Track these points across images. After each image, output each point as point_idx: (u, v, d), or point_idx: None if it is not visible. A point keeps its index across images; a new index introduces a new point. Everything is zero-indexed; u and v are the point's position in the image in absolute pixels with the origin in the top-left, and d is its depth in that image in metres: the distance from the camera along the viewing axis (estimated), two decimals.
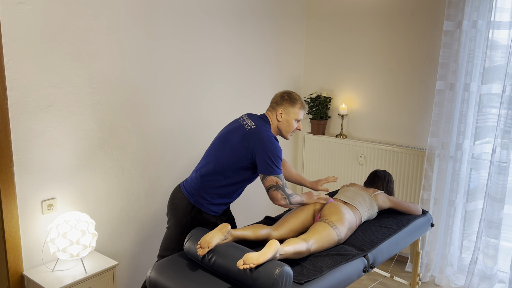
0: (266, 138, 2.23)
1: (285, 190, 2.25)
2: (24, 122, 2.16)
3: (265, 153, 2.20)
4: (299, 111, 2.36)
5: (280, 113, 2.34)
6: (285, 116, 2.34)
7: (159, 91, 2.79)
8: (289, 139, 2.44)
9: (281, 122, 2.35)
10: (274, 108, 2.37)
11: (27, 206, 2.23)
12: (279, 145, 2.27)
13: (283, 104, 2.34)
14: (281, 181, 2.23)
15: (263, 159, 2.20)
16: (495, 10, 2.98)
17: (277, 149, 2.24)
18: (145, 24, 2.64)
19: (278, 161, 2.22)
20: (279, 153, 2.24)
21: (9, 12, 2.04)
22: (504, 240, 3.19)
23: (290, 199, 2.27)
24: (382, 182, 2.82)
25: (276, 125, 2.37)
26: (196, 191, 2.31)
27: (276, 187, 2.22)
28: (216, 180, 2.29)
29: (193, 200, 2.31)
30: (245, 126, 2.30)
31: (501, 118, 2.95)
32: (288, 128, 2.36)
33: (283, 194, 2.24)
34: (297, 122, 2.37)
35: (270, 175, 2.20)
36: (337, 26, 3.78)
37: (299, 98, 2.37)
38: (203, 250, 1.99)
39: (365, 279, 3.37)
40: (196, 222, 2.33)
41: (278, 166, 2.22)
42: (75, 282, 2.16)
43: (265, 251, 1.86)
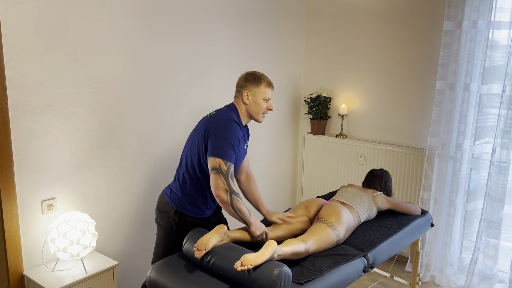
0: (222, 119, 2.10)
1: (228, 181, 2.01)
2: (24, 122, 2.16)
3: (217, 134, 2.06)
4: (265, 90, 2.21)
5: (246, 96, 2.20)
6: (251, 98, 2.20)
7: (159, 90, 2.79)
8: (262, 121, 2.28)
9: (249, 104, 2.21)
10: (239, 92, 2.23)
11: (27, 206, 2.23)
12: (239, 133, 2.11)
13: (247, 86, 2.20)
14: (225, 166, 2.01)
15: (213, 140, 2.05)
16: (495, 10, 2.98)
17: (232, 132, 2.07)
18: (145, 23, 2.64)
19: (228, 145, 2.04)
20: (233, 139, 2.06)
21: (9, 12, 2.04)
22: (504, 240, 3.19)
23: (233, 198, 2.02)
24: (380, 182, 2.81)
25: (244, 109, 2.22)
26: (176, 194, 2.26)
27: (218, 170, 2.01)
28: (189, 178, 2.21)
29: (175, 204, 2.25)
30: (207, 116, 2.23)
31: (501, 118, 2.95)
32: (258, 109, 2.21)
33: (224, 184, 2.01)
34: (266, 101, 2.22)
35: (215, 157, 2.02)
36: (338, 26, 3.78)
37: (264, 77, 2.22)
38: (200, 252, 1.98)
39: (365, 279, 3.37)
40: (181, 226, 2.26)
41: (227, 151, 2.03)
42: (75, 282, 2.16)
43: (263, 251, 1.86)
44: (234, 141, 2.08)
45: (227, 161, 2.02)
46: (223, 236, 2.05)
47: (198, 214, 2.28)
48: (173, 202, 2.26)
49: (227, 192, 2.01)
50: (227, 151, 2.04)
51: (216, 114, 2.18)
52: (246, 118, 2.26)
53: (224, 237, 2.06)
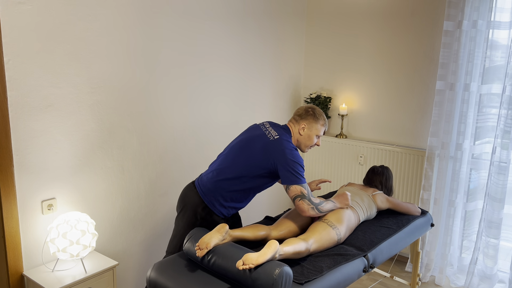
0: (288, 149, 2.23)
1: (311, 200, 2.22)
2: (24, 122, 2.16)
3: (287, 164, 2.20)
4: (321, 128, 2.38)
5: (303, 127, 2.35)
6: (307, 131, 2.35)
7: (159, 91, 2.79)
8: (306, 152, 2.45)
9: (303, 136, 2.36)
10: (297, 121, 2.37)
11: (27, 206, 2.23)
12: (301, 158, 2.27)
13: (307, 119, 2.35)
14: (305, 190, 2.21)
15: (285, 169, 2.19)
16: (495, 10, 2.98)
17: (299, 159, 2.23)
18: (145, 24, 2.64)
19: (300, 170, 2.21)
20: (301, 163, 2.23)
21: (9, 12, 2.04)
22: (504, 240, 3.19)
23: (318, 208, 2.24)
24: (381, 179, 2.81)
25: (296, 138, 2.37)
26: (210, 191, 2.30)
27: (301, 196, 2.20)
28: (232, 184, 2.29)
29: (206, 199, 2.30)
30: (268, 135, 2.29)
31: (501, 118, 2.95)
32: (308, 142, 2.37)
33: (309, 204, 2.21)
34: (318, 137, 2.39)
35: (293, 185, 2.19)
36: (337, 26, 3.78)
37: (322, 115, 2.39)
38: (201, 251, 1.98)
39: (365, 279, 3.37)
40: (205, 222, 2.32)
41: (301, 175, 2.21)
42: (75, 282, 2.16)
43: (265, 251, 1.86)
44: (302, 164, 2.26)
45: (304, 184, 2.22)
46: (224, 235, 2.05)
47: (223, 215, 2.35)
48: (206, 196, 2.31)
49: (314, 209, 2.23)
50: (301, 177, 2.22)
51: (280, 141, 2.27)
52: (295, 144, 2.40)
53: (225, 236, 2.06)
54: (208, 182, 2.32)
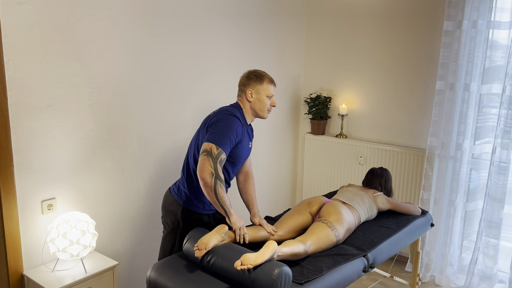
0: (223, 114, 2.17)
1: (216, 165, 2.02)
2: (24, 122, 2.16)
3: (215, 125, 2.11)
4: (268, 86, 2.26)
5: (250, 93, 2.25)
6: (255, 95, 2.25)
7: (159, 90, 2.79)
8: (266, 117, 2.33)
9: (253, 102, 2.26)
10: (242, 91, 2.29)
11: (27, 206, 2.23)
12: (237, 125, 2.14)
13: (251, 84, 2.26)
14: (216, 151, 2.03)
15: (211, 130, 2.11)
16: (495, 10, 2.98)
17: (230, 125, 2.11)
18: (145, 23, 2.64)
19: (225, 136, 2.07)
20: (231, 130, 2.10)
21: (9, 12, 2.04)
22: (504, 240, 3.19)
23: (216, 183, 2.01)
24: (380, 181, 2.81)
25: (249, 107, 2.28)
26: (183, 191, 2.29)
27: (208, 152, 2.03)
28: (194, 174, 2.25)
29: (182, 201, 2.28)
30: (210, 114, 2.28)
31: (501, 118, 2.95)
32: (262, 106, 2.27)
33: (211, 166, 2.01)
34: (269, 98, 2.29)
35: (208, 141, 2.06)
36: (337, 26, 3.78)
37: (265, 74, 2.29)
38: (200, 252, 1.98)
39: (365, 279, 3.37)
40: (187, 224, 2.29)
41: (222, 139, 2.06)
42: (75, 282, 2.16)
43: (263, 252, 1.86)
44: (232, 132, 2.10)
45: (219, 147, 2.04)
46: (223, 236, 2.05)
47: (205, 210, 2.31)
48: (181, 199, 2.29)
49: (212, 176, 2.01)
50: (222, 139, 2.07)
51: (219, 110, 2.24)
52: (251, 116, 2.31)
53: (224, 237, 2.06)
54: (179, 182, 2.33)
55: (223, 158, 2.06)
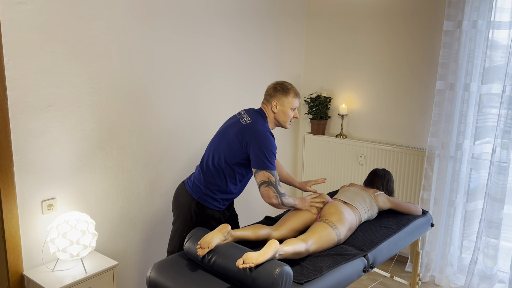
0: (260, 132, 2.23)
1: (277, 188, 2.21)
2: (24, 122, 2.16)
3: (258, 147, 2.20)
4: (293, 100, 2.35)
5: (275, 105, 2.34)
6: (280, 107, 2.34)
7: (159, 90, 2.79)
8: (288, 128, 2.45)
9: (277, 113, 2.35)
10: (268, 101, 2.37)
11: (27, 206, 2.23)
12: (274, 141, 2.27)
13: (277, 95, 2.34)
14: (273, 177, 2.20)
15: (256, 153, 2.20)
16: (495, 10, 2.98)
17: (271, 144, 2.23)
18: (145, 23, 2.64)
19: (271, 156, 2.21)
20: (273, 149, 2.23)
21: (9, 12, 2.04)
22: (504, 240, 3.19)
23: (282, 199, 2.23)
24: (382, 181, 2.82)
25: (272, 117, 2.37)
26: (198, 186, 2.35)
27: (268, 183, 2.19)
28: (216, 174, 2.32)
29: (196, 196, 2.34)
30: (241, 121, 2.32)
31: (501, 118, 2.95)
32: (285, 118, 2.36)
33: (275, 192, 2.20)
34: (293, 110, 2.37)
35: (262, 170, 2.19)
36: (338, 26, 3.78)
37: (292, 87, 2.36)
38: (203, 250, 1.99)
39: (365, 279, 3.37)
40: (200, 218, 2.35)
41: (271, 162, 2.20)
42: (75, 282, 2.16)
43: (265, 251, 1.86)
44: (274, 151, 2.24)
45: (273, 171, 2.21)
46: (226, 235, 2.06)
47: (217, 207, 2.38)
48: (195, 193, 2.35)
49: (277, 198, 2.22)
50: (271, 162, 2.21)
51: (253, 124, 2.28)
52: (273, 125, 2.40)
53: (227, 236, 2.07)
54: (195, 177, 2.39)
55: (277, 176, 2.27)
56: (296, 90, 2.38)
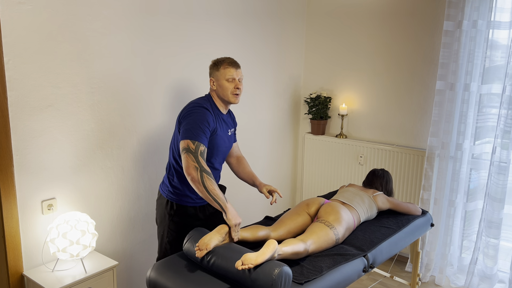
0: (189, 106, 2.20)
1: (198, 159, 2.03)
2: (24, 122, 2.16)
3: (185, 119, 2.14)
4: (225, 70, 2.22)
5: (212, 82, 2.27)
6: (216, 82, 2.25)
7: (159, 90, 2.79)
8: (235, 101, 2.26)
9: (217, 89, 2.26)
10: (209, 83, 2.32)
11: (27, 206, 2.23)
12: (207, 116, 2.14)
13: (212, 73, 2.27)
14: (193, 145, 2.05)
15: (183, 125, 2.13)
16: (495, 10, 2.98)
17: (198, 116, 2.13)
18: (145, 23, 2.64)
19: (197, 128, 2.09)
20: (199, 120, 2.11)
21: (9, 12, 2.04)
22: (504, 240, 3.19)
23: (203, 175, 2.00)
24: (381, 182, 2.82)
25: (216, 95, 2.28)
26: (166, 185, 2.33)
27: (187, 149, 2.05)
28: (174, 169, 2.29)
29: (165, 195, 2.33)
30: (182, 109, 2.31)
31: (501, 118, 2.95)
32: (224, 91, 2.23)
33: (194, 161, 2.02)
34: (232, 81, 2.23)
35: (183, 139, 2.09)
36: (338, 26, 3.78)
37: (223, 59, 2.25)
38: (201, 252, 1.98)
39: (365, 279, 3.37)
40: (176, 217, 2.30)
41: (194, 132, 2.08)
42: (75, 282, 2.16)
43: (263, 251, 1.86)
44: (202, 123, 2.12)
45: (195, 141, 2.06)
46: (224, 236, 2.05)
47: (190, 203, 2.32)
48: (164, 192, 2.34)
49: (197, 170, 2.01)
50: (194, 132, 2.08)
51: (187, 104, 2.26)
52: (222, 104, 2.30)
53: (225, 237, 2.06)
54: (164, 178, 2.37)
55: (203, 149, 2.07)
56: (231, 59, 2.25)
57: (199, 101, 2.24)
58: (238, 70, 2.26)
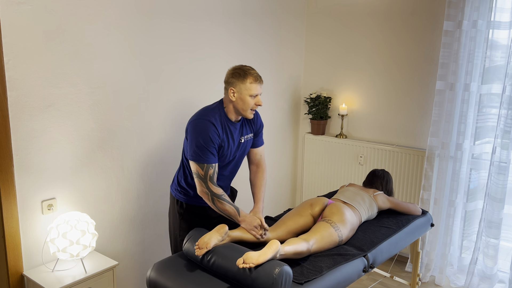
0: (193, 121, 2.15)
1: (208, 185, 2.07)
2: (24, 122, 2.16)
3: (191, 137, 2.13)
4: (252, 86, 2.10)
5: (232, 93, 2.13)
6: (238, 95, 2.12)
7: (159, 90, 2.79)
8: (251, 117, 2.19)
9: (236, 101, 2.14)
10: (226, 89, 2.17)
11: (27, 206, 2.23)
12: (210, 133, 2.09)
13: (234, 82, 2.12)
14: (203, 171, 2.05)
15: (190, 142, 2.14)
16: (495, 10, 2.98)
17: (205, 136, 2.07)
18: (145, 23, 2.64)
19: (203, 150, 2.07)
20: (206, 142, 2.07)
21: (9, 12, 2.04)
22: (504, 240, 3.19)
23: (214, 200, 2.10)
24: (381, 182, 2.82)
25: (231, 105, 2.17)
26: (175, 185, 2.38)
27: (197, 175, 2.09)
28: (183, 171, 2.32)
29: (174, 194, 2.38)
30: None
31: (501, 118, 2.95)
32: (244, 106, 2.13)
33: (204, 187, 2.09)
34: (254, 97, 2.13)
35: (192, 161, 2.11)
36: (338, 26, 3.78)
37: (250, 71, 2.12)
38: (201, 251, 1.99)
39: (365, 279, 3.37)
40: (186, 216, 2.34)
41: (202, 155, 2.06)
42: (75, 282, 2.16)
43: (265, 251, 1.86)
44: (208, 143, 2.09)
45: (203, 164, 2.09)
46: (224, 236, 2.05)
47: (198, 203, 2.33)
48: (173, 192, 2.38)
49: (208, 195, 2.12)
50: (202, 155, 2.09)
51: (197, 113, 2.21)
52: (234, 114, 2.20)
53: (225, 237, 2.06)
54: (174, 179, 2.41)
55: (212, 172, 2.10)
56: (256, 74, 2.13)
57: (206, 114, 2.15)
58: (261, 85, 2.17)
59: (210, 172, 2.09)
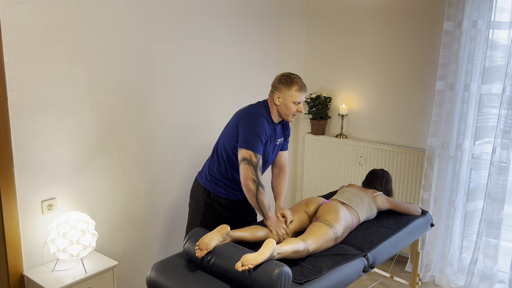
0: (251, 114, 2.25)
1: (257, 172, 2.17)
2: (24, 122, 2.16)
3: (246, 126, 2.21)
4: (296, 93, 2.29)
5: (277, 97, 2.30)
6: (282, 100, 2.30)
7: (159, 90, 2.79)
8: (291, 121, 2.41)
9: (279, 105, 2.31)
10: (272, 92, 2.34)
11: (27, 206, 2.23)
12: (267, 127, 2.24)
13: (280, 88, 2.30)
14: (255, 158, 2.16)
15: (243, 132, 2.21)
16: (495, 10, 2.98)
17: (259, 126, 2.20)
18: (145, 23, 2.64)
19: (256, 138, 2.19)
20: (260, 132, 2.20)
21: (9, 12, 2.04)
22: (504, 240, 3.19)
23: (258, 189, 2.18)
24: (381, 182, 2.82)
25: (275, 109, 2.33)
26: (205, 173, 2.44)
27: (248, 161, 2.16)
28: (216, 160, 2.39)
29: (202, 182, 2.43)
30: (241, 109, 2.38)
31: (501, 118, 2.95)
32: (287, 111, 2.31)
33: (253, 174, 2.17)
34: (297, 104, 2.32)
35: (245, 148, 2.18)
36: (338, 26, 3.78)
37: (297, 80, 2.31)
38: (201, 252, 1.99)
39: (365, 279, 3.37)
40: (208, 204, 2.41)
41: (255, 143, 2.18)
42: (75, 282, 2.17)
43: (262, 251, 1.87)
44: (261, 133, 2.21)
45: (257, 154, 2.18)
46: (225, 237, 2.06)
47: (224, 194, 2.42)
48: (201, 180, 2.45)
49: (254, 182, 2.17)
50: (255, 143, 2.18)
51: (247, 108, 2.33)
52: (277, 116, 2.36)
53: (226, 237, 2.07)
54: (204, 166, 2.48)
55: (261, 162, 2.20)
56: (301, 83, 2.32)
57: (260, 109, 2.29)
58: (305, 93, 2.36)
59: (260, 162, 2.19)
